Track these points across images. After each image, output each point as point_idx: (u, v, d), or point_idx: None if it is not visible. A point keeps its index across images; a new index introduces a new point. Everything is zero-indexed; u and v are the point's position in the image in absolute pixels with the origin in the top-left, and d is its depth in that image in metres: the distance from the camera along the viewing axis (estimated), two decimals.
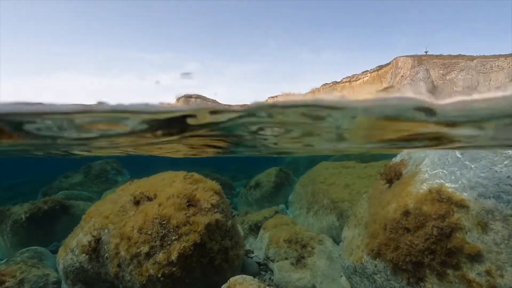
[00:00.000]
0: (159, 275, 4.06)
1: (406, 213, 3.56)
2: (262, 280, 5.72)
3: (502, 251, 2.96)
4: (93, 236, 4.54)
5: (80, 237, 4.76)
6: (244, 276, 4.09)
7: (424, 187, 3.71)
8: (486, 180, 3.25)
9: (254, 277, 5.57)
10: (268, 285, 5.64)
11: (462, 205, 3.25)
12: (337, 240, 6.66)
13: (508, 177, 3.11)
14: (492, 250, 3.01)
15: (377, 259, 3.92)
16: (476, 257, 3.07)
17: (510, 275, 2.88)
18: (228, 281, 4.07)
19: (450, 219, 3.22)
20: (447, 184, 3.52)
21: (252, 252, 6.59)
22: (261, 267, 6.07)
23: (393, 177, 4.56)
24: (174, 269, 4.11)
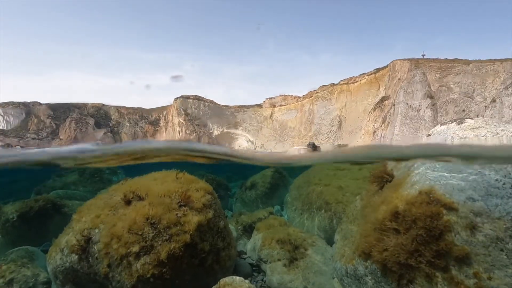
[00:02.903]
0: (149, 276, 4.02)
1: (396, 214, 3.56)
2: (254, 281, 5.69)
3: (490, 253, 2.97)
4: (83, 236, 4.48)
5: (70, 237, 4.71)
6: (234, 277, 4.07)
7: (414, 189, 3.72)
8: (475, 183, 3.26)
9: (247, 278, 5.55)
10: (261, 287, 5.62)
11: (451, 208, 3.25)
12: (330, 242, 6.65)
13: (496, 180, 3.13)
14: (480, 252, 3.02)
15: (368, 261, 3.92)
16: (464, 259, 3.08)
17: (498, 278, 2.89)
18: (218, 282, 4.04)
19: (439, 221, 3.22)
20: (437, 187, 3.53)
21: (245, 253, 6.56)
22: (254, 268, 6.04)
23: (384, 180, 4.57)
24: (164, 270, 4.08)
